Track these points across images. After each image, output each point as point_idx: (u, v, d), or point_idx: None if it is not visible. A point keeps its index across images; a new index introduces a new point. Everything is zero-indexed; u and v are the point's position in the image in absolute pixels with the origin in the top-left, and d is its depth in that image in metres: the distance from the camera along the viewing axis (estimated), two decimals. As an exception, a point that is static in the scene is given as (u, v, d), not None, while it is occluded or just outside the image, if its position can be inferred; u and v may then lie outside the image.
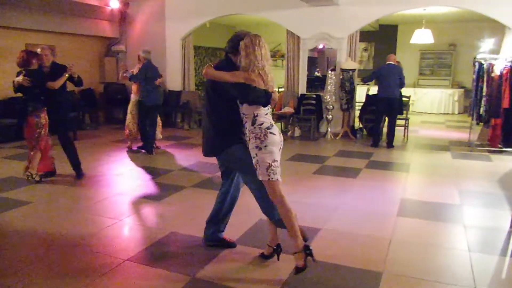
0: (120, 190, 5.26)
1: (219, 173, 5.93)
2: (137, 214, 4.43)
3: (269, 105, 3.14)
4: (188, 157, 7.05)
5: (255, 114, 3.05)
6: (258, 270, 3.22)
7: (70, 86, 5.72)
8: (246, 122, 3.10)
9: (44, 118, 5.29)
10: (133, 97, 7.31)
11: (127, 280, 3.08)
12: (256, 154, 3.00)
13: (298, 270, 2.97)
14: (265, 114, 3.09)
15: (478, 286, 2.98)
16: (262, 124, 3.03)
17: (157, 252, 3.54)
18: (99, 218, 4.29)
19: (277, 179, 3.00)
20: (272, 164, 2.98)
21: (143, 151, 7.32)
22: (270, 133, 3.01)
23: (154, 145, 7.42)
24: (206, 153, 3.39)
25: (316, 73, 12.68)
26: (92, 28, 10.22)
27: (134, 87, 7.29)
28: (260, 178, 3.00)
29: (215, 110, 3.28)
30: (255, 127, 3.03)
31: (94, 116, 10.51)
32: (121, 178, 5.85)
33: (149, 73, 7.04)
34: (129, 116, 7.35)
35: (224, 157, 3.32)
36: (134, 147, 7.49)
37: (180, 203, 4.80)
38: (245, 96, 3.03)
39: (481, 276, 3.13)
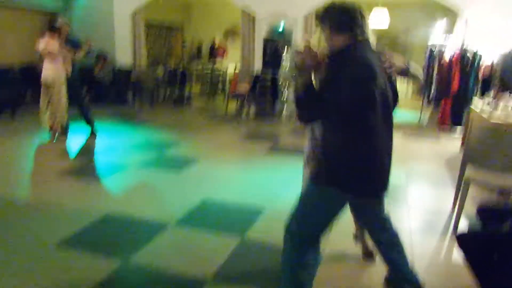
0: (60, 170, 4.90)
1: (166, 152, 5.81)
2: (71, 195, 4.13)
3: None
4: (136, 135, 6.74)
5: None
6: (194, 253, 3.07)
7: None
8: None
9: None
10: (61, 73, 6.09)
11: (51, 268, 2.83)
12: None
13: None
14: None
15: (417, 269, 2.95)
16: None
17: (89, 236, 3.30)
18: (29, 201, 3.98)
19: None
20: None
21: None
22: None
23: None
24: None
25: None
26: (32, 0, 9.51)
27: (67, 64, 6.14)
28: None
29: None
30: None
31: (37, 94, 9.85)
32: (64, 157, 5.47)
33: None
34: (61, 100, 6.20)
35: None
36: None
37: (121, 183, 4.54)
38: None
39: (420, 258, 3.12)
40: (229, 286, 2.67)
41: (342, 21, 2.10)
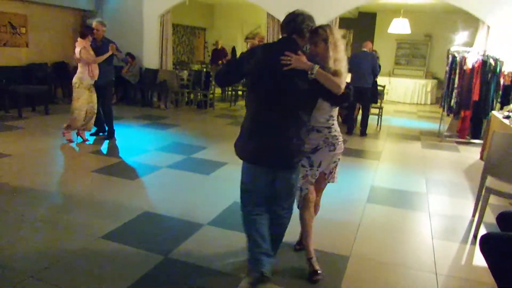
0: (95, 168, 5.20)
1: (194, 155, 6.06)
2: (110, 193, 4.41)
3: None
4: (163, 137, 7.02)
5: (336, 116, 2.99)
6: (231, 251, 3.30)
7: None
8: (333, 125, 2.95)
9: None
10: (84, 76, 6.05)
11: (98, 258, 3.09)
12: (339, 159, 3.05)
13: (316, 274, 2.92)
14: None
15: (439, 271, 3.14)
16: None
17: (130, 231, 3.56)
18: (69, 196, 4.26)
19: None
20: None
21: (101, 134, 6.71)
22: None
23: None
24: (287, 163, 2.70)
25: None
26: (65, -2, 9.91)
27: (92, 67, 6.07)
28: (331, 181, 3.11)
29: (305, 108, 2.69)
30: (338, 130, 3.01)
31: (67, 90, 10.25)
32: (96, 155, 5.78)
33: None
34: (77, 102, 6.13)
35: (295, 171, 2.78)
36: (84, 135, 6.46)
37: (154, 183, 4.81)
38: (349, 99, 2.76)
39: (442, 261, 3.30)
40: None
41: (283, 25, 2.79)
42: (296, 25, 2.69)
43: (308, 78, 2.56)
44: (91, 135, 6.55)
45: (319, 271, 2.94)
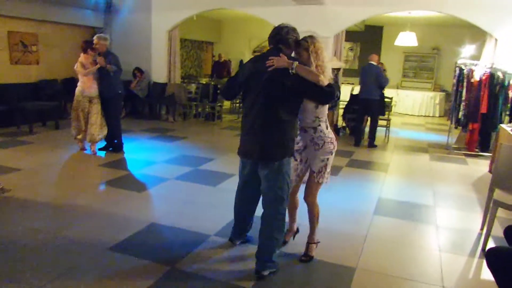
0: (103, 180, 5.25)
1: (201, 167, 6.10)
2: (117, 205, 4.45)
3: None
4: (171, 150, 7.07)
5: (325, 118, 3.19)
6: (237, 262, 3.30)
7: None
8: (319, 125, 3.15)
9: None
10: (79, 88, 6.36)
11: (106, 268, 3.11)
12: (327, 159, 3.22)
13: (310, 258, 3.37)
14: None
15: (446, 285, 3.11)
16: (329, 128, 3.21)
17: (137, 242, 3.58)
18: (78, 208, 4.30)
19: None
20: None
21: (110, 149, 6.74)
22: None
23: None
24: (262, 156, 3.04)
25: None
26: (76, 16, 10.06)
27: (84, 80, 6.28)
28: (320, 181, 3.26)
29: (289, 106, 2.99)
30: (329, 131, 3.20)
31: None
32: (105, 168, 5.84)
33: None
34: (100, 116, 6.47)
35: (272, 166, 3.02)
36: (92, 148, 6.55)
37: (162, 195, 4.84)
38: (333, 96, 2.95)
39: (449, 275, 3.27)
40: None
41: (270, 37, 3.11)
42: (281, 36, 3.04)
43: (291, 76, 2.85)
44: (100, 149, 6.61)
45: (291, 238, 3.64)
